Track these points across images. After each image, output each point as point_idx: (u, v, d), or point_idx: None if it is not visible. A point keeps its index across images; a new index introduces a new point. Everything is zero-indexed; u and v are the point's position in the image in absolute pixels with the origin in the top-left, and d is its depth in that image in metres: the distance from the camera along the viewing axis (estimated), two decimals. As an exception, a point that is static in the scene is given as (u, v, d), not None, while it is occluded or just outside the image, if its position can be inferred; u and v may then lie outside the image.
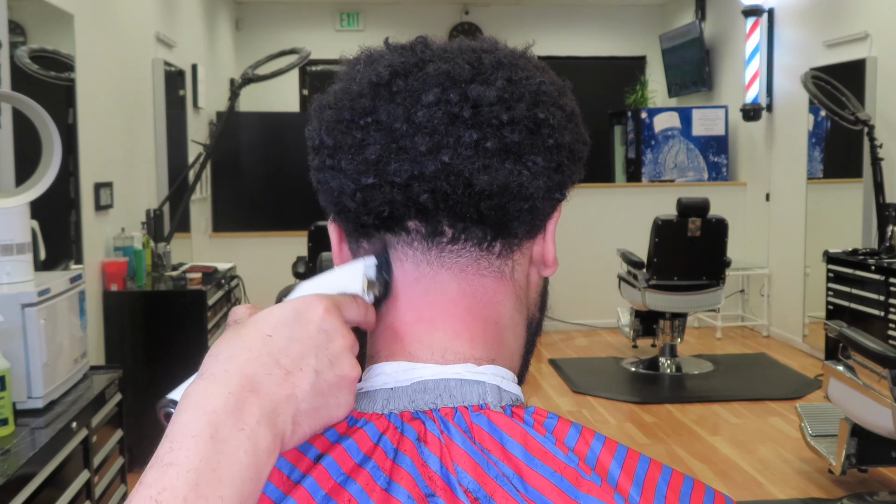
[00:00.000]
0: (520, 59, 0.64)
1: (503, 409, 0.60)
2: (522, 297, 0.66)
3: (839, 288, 4.82)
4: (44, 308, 2.21)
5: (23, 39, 3.10)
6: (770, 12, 6.38)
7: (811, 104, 5.60)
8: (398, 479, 0.56)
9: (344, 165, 0.61)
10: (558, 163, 0.62)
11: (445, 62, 0.61)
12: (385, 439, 0.58)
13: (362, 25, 8.33)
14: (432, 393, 0.60)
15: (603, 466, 0.58)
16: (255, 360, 0.53)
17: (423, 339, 0.62)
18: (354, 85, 0.62)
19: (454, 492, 0.56)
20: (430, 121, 0.59)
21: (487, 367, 0.62)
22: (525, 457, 0.57)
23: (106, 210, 3.90)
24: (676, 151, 7.24)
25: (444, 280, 0.62)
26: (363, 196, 0.60)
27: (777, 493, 3.59)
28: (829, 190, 5.92)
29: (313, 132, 0.64)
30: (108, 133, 3.99)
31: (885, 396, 2.94)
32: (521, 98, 0.61)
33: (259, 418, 0.51)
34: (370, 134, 0.60)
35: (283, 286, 3.35)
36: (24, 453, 1.90)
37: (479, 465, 0.56)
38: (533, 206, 0.62)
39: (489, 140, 0.59)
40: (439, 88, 0.59)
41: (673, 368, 5.48)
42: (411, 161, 0.59)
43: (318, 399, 0.54)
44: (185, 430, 0.49)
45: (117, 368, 2.68)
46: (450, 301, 0.62)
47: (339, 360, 0.55)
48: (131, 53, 4.44)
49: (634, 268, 5.47)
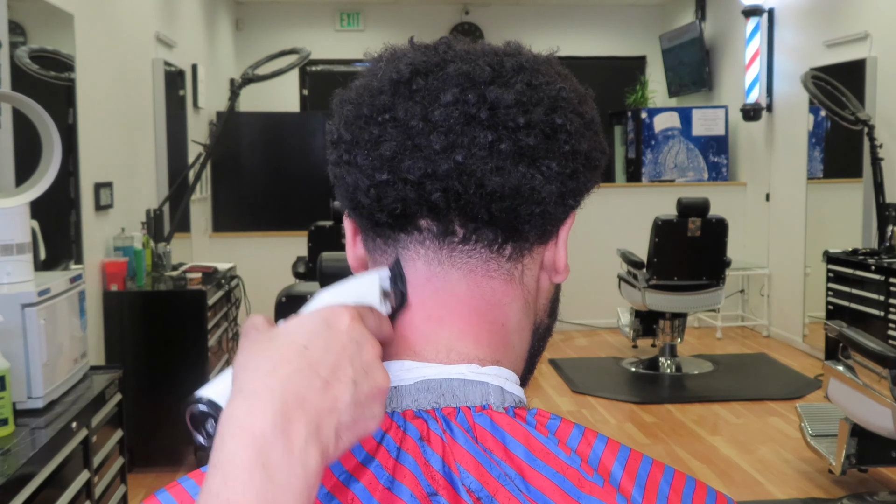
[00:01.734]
0: (542, 64, 0.64)
1: (505, 410, 0.60)
2: (531, 301, 0.66)
3: (839, 288, 4.82)
4: (44, 308, 2.21)
5: (23, 39, 3.10)
6: (770, 12, 6.38)
7: (811, 104, 5.60)
8: (401, 478, 0.56)
9: (360, 161, 0.61)
10: (573, 169, 0.62)
11: (466, 63, 0.61)
12: (388, 438, 0.58)
13: (362, 25, 8.33)
14: (435, 392, 0.60)
15: (605, 468, 0.58)
16: (297, 374, 0.50)
17: (430, 337, 0.62)
18: (375, 81, 0.62)
19: (457, 491, 0.56)
20: (446, 120, 0.59)
21: (491, 367, 0.62)
22: (527, 457, 0.57)
23: (106, 210, 3.90)
24: (676, 151, 7.24)
25: (453, 280, 0.62)
26: (377, 192, 0.60)
27: (777, 493, 3.59)
28: (829, 190, 5.92)
29: (332, 126, 0.64)
30: (108, 133, 3.99)
31: (885, 396, 2.94)
32: (539, 102, 0.61)
33: (306, 437, 0.49)
34: (387, 130, 0.60)
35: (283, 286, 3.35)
36: (24, 453, 1.90)
37: (481, 465, 0.56)
38: (545, 210, 0.62)
39: (504, 142, 0.59)
40: (458, 88, 0.60)
41: (673, 368, 5.48)
42: (425, 159, 0.59)
43: (357, 410, 0.52)
44: (236, 459, 0.47)
45: (117, 368, 2.68)
46: (458, 301, 0.62)
47: (372, 369, 0.54)
48: (131, 53, 4.44)
49: (634, 268, 5.47)
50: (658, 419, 4.57)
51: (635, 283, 5.44)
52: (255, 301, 4.91)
